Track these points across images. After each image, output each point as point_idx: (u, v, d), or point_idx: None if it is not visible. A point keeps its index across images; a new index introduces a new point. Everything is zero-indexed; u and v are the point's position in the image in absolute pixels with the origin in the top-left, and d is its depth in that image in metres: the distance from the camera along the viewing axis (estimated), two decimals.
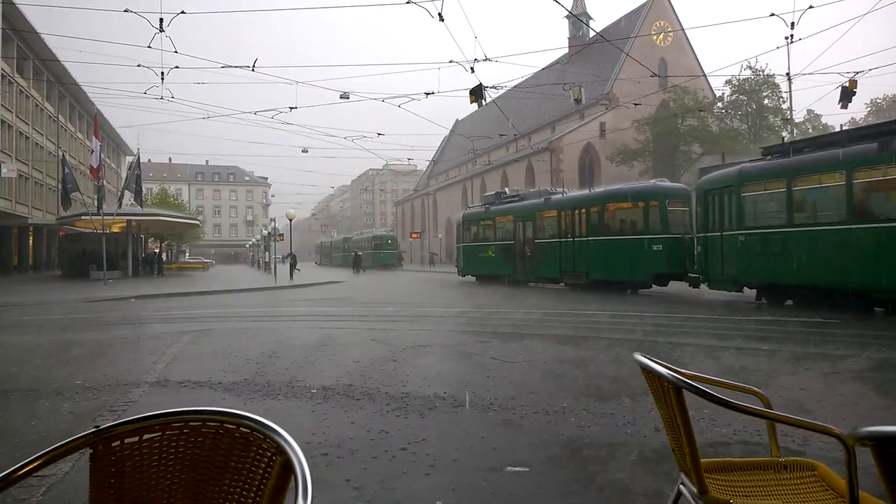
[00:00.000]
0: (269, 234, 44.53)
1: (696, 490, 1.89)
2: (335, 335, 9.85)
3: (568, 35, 63.83)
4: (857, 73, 20.71)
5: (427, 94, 20.80)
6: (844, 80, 20.50)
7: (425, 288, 24.80)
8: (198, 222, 48.21)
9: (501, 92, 28.93)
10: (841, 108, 21.57)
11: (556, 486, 3.32)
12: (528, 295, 19.30)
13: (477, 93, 19.39)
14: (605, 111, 51.11)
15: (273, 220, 50.97)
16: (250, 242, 79.47)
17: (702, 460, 1.96)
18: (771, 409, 2.21)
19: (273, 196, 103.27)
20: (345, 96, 22.53)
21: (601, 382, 5.96)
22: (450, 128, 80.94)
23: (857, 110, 57.11)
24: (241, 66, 17.79)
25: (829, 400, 5.19)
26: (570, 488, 3.29)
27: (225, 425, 1.35)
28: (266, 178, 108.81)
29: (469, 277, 29.17)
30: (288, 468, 1.23)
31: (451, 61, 18.71)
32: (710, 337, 9.24)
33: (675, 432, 1.97)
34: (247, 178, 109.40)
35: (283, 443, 1.26)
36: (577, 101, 27.83)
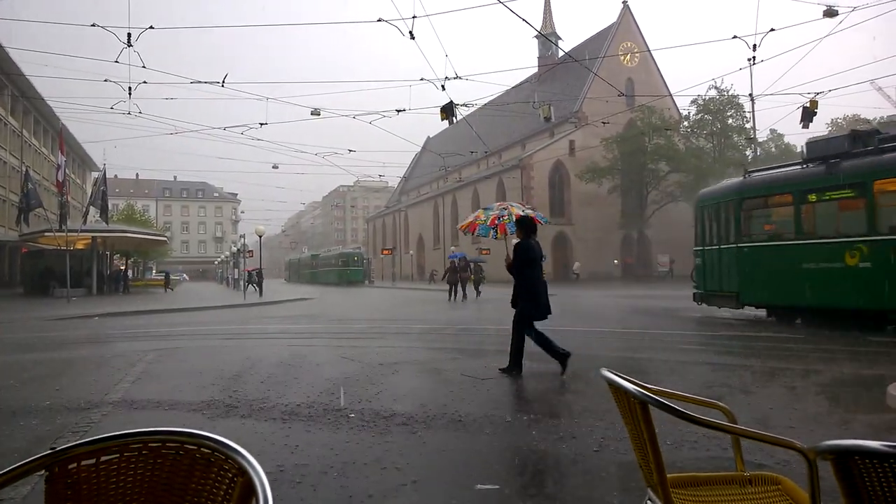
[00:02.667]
0: (238, 250, 43.91)
1: None
2: (305, 353, 9.72)
3: (538, 54, 64.92)
4: (818, 93, 21.48)
5: (398, 111, 20.87)
6: (805, 101, 21.21)
7: (403, 304, 24.69)
8: (165, 238, 47.43)
9: (472, 110, 29.21)
10: (802, 127, 22.30)
11: (525, 503, 3.30)
12: None
13: (448, 110, 19.53)
14: (575, 129, 51.99)
15: (242, 236, 50.35)
16: (219, 259, 78.39)
17: (668, 475, 1.97)
18: (735, 423, 2.24)
19: (243, 212, 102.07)
20: (316, 113, 22.48)
21: (573, 399, 5.98)
22: (421, 145, 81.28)
23: (819, 129, 59.06)
24: (210, 82, 17.65)
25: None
26: None
27: (185, 446, 1.32)
28: (236, 195, 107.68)
29: (746, 309, 14.52)
30: (249, 489, 1.20)
31: (421, 79, 18.81)
32: None
33: (642, 447, 1.98)
34: (216, 195, 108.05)
35: (244, 463, 1.23)
36: (547, 119, 28.27)
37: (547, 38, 55.64)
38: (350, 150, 27.26)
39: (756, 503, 1.98)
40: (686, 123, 49.21)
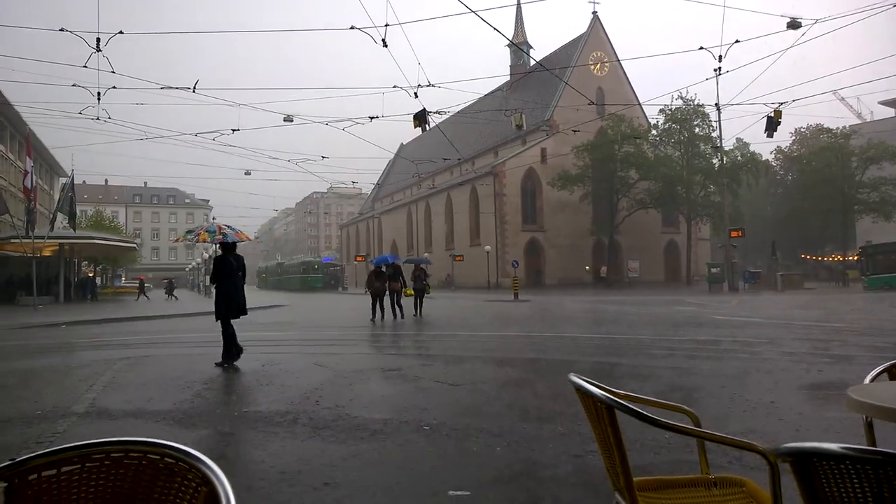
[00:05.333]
0: (209, 257, 43.27)
1: None
2: (277, 360, 9.61)
3: (510, 63, 65.43)
4: (782, 103, 22.03)
5: (371, 118, 20.87)
6: (770, 111, 21.73)
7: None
8: (134, 245, 46.61)
9: (445, 117, 29.34)
10: (767, 136, 22.84)
11: None
12: None
13: (421, 118, 19.59)
14: (546, 137, 52.50)
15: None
16: (190, 266, 77.23)
17: (635, 479, 1.99)
18: (700, 426, 2.28)
19: (214, 219, 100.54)
20: (288, 119, 22.35)
21: (544, 403, 6.02)
22: (394, 152, 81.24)
23: (783, 139, 60.58)
24: (181, 88, 17.44)
25: None
26: None
27: (148, 456, 1.30)
28: (207, 201, 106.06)
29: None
30: (213, 499, 1.19)
31: (395, 86, 18.83)
32: None
33: (609, 451, 2.00)
34: (187, 201, 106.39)
35: (208, 473, 1.22)
36: (519, 127, 28.52)
37: (519, 47, 56.14)
38: (323, 157, 27.20)
39: None
40: (655, 132, 50.06)
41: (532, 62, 55.81)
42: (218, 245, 9.04)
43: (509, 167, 53.48)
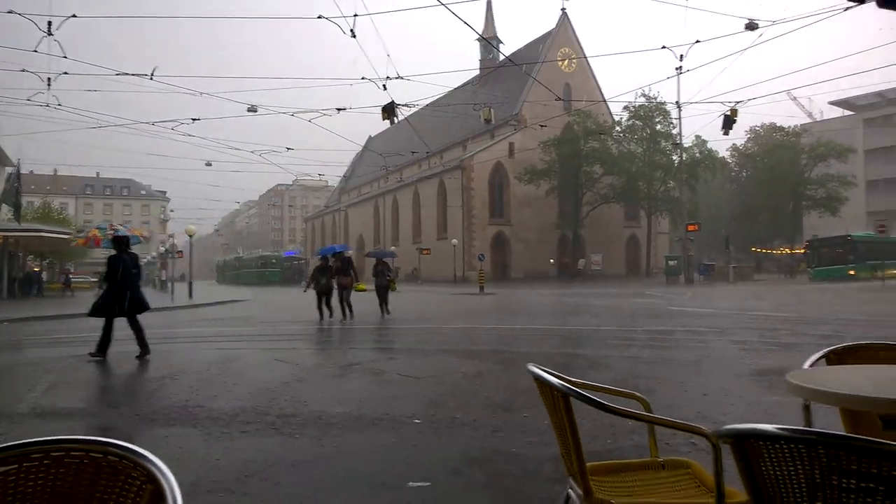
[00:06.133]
0: (166, 251, 42.31)
1: (581, 493, 1.97)
2: (236, 356, 9.49)
3: (479, 57, 65.54)
4: (738, 102, 22.59)
5: (339, 109, 20.64)
6: (727, 109, 22.27)
7: None
8: (68, 236, 44.95)
9: (414, 110, 29.19)
10: (724, 134, 23.42)
11: (456, 498, 3.35)
12: None
13: (389, 110, 19.45)
14: (514, 132, 52.81)
15: (171, 236, 48.60)
16: (146, 260, 75.48)
17: (588, 464, 2.04)
18: (651, 412, 2.34)
19: (172, 211, 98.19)
20: (252, 109, 21.94)
21: (506, 394, 6.08)
22: (362, 144, 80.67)
23: (739, 136, 62.19)
24: (138, 74, 16.96)
25: None
26: (471, 499, 3.33)
27: (90, 454, 1.26)
28: (165, 193, 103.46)
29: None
30: (159, 496, 1.17)
31: (363, 78, 18.67)
32: None
33: (564, 438, 2.04)
34: (143, 192, 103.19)
35: (154, 470, 1.20)
36: (488, 121, 28.61)
37: (488, 41, 56.22)
38: (288, 149, 26.69)
39: (668, 487, 2.07)
40: (619, 128, 50.83)
41: (501, 57, 55.99)
42: (109, 242, 9.26)
43: (477, 161, 53.63)
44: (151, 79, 16.81)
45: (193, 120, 20.33)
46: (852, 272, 37.14)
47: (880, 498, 1.26)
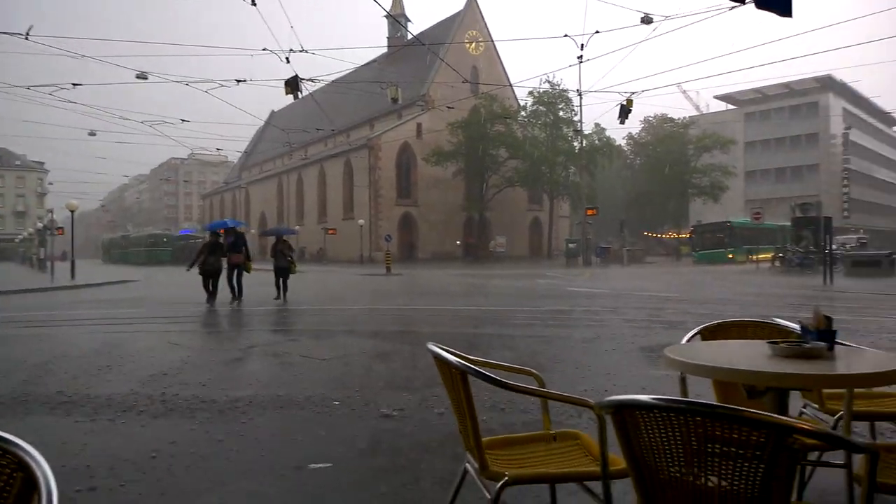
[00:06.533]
0: (44, 227, 38.87)
1: (477, 466, 2.05)
2: (126, 340, 8.98)
3: (387, 35, 64.61)
4: (633, 93, 23.75)
5: (238, 81, 19.78)
6: (623, 99, 23.35)
7: None
8: None
9: (319, 85, 28.47)
10: (620, 123, 24.58)
11: (357, 477, 3.38)
12: None
13: (293, 84, 18.86)
14: (422, 112, 52.68)
15: (51, 211, 44.80)
16: (21, 237, 69.27)
17: (484, 439, 2.13)
18: (545, 388, 2.47)
19: (51, 184, 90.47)
20: (142, 76, 20.59)
21: (410, 373, 6.16)
22: (264, 119, 77.69)
23: (634, 126, 65.48)
24: (10, 33, 15.43)
25: None
26: (371, 478, 3.37)
27: None
28: (42, 164, 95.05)
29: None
30: (31, 485, 1.11)
31: (264, 49, 17.96)
32: None
33: (462, 414, 2.12)
34: (17, 163, 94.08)
35: (25, 457, 1.13)
36: (395, 100, 28.35)
37: (396, 19, 55.56)
38: (183, 120, 25.36)
39: (558, 457, 2.20)
40: (523, 113, 51.98)
41: (409, 36, 55.51)
42: None
43: (385, 141, 53.12)
44: (27, 38, 15.36)
45: (74, 85, 18.80)
46: (731, 255, 40.34)
47: (740, 461, 1.40)
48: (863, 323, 9.53)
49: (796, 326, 2.48)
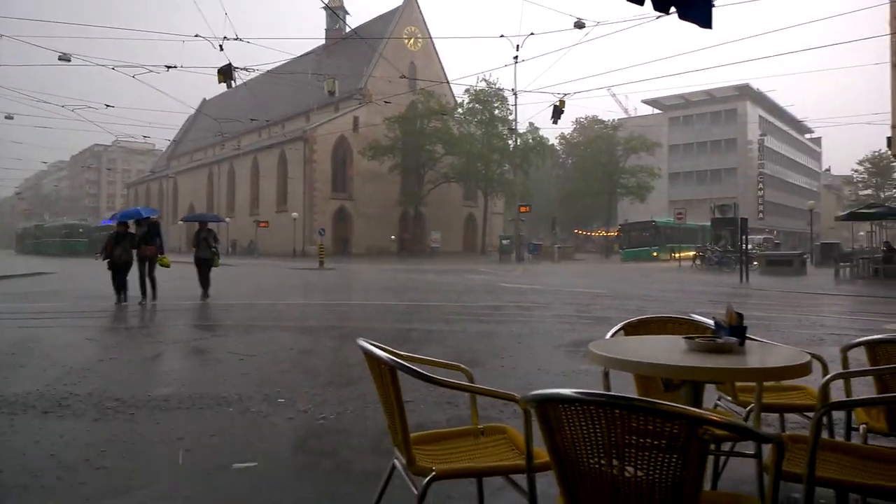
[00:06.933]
0: None
1: (405, 462, 2.05)
2: (40, 335, 8.47)
3: (325, 27, 63.51)
4: (566, 94, 24.31)
5: (168, 67, 19.01)
6: (556, 100, 23.87)
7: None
8: None
9: (254, 75, 27.63)
10: (553, 123, 25.14)
11: (283, 476, 3.31)
12: None
13: (226, 73, 18.35)
14: (359, 106, 52.14)
15: None
16: None
17: (412, 434, 2.13)
18: (473, 383, 2.50)
19: None
20: (65, 58, 19.52)
21: (340, 369, 6.09)
22: (195, 107, 74.83)
23: (566, 126, 67.14)
24: None
25: None
26: (298, 476, 3.32)
27: None
28: None
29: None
30: None
31: (196, 35, 17.31)
32: None
33: (391, 410, 2.11)
34: None
35: None
36: (332, 93, 27.99)
37: (334, 11, 54.63)
38: (107, 106, 24.21)
39: (485, 451, 2.23)
40: (460, 110, 52.31)
41: (348, 29, 54.76)
42: None
43: (321, 133, 52.23)
44: None
45: None
46: (655, 253, 42.05)
47: (656, 452, 1.46)
48: (776, 319, 10.13)
49: (711, 322, 2.60)
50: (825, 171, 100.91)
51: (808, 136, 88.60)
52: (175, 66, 18.94)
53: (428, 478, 1.95)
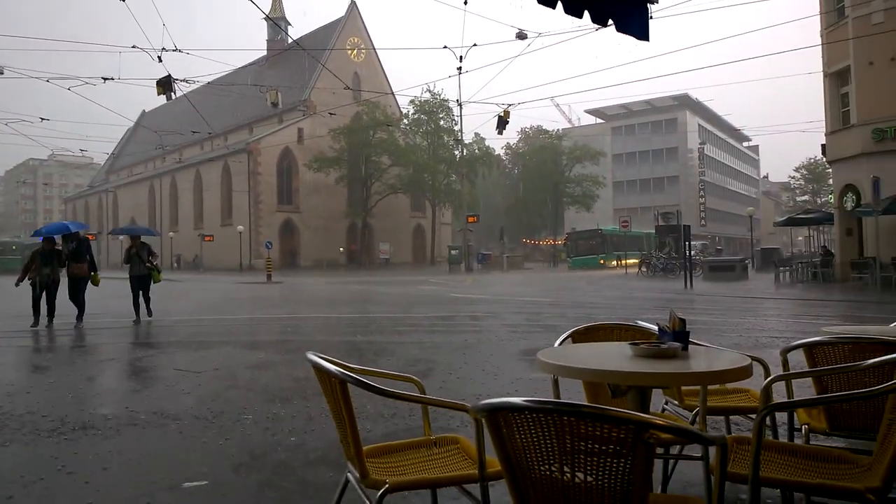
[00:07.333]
0: None
1: (358, 475, 2.04)
2: None
3: (267, 38, 62.71)
4: (510, 105, 24.75)
5: (105, 79, 18.43)
6: (500, 111, 24.27)
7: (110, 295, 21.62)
8: None
9: (195, 87, 27.02)
10: (498, 133, 25.56)
11: (235, 494, 3.24)
12: None
13: (165, 84, 17.95)
14: (303, 117, 51.65)
15: None
16: None
17: (365, 447, 2.12)
18: (425, 394, 2.50)
19: None
20: None
21: (290, 384, 5.98)
22: (134, 119, 72.47)
23: (512, 136, 68.22)
24: None
25: None
26: (250, 494, 3.25)
27: None
28: None
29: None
30: None
31: (134, 46, 16.83)
32: None
33: (342, 424, 2.09)
34: None
35: None
36: (275, 104, 27.62)
37: (275, 22, 54.05)
38: (42, 119, 23.26)
39: (438, 462, 2.24)
40: (406, 121, 52.45)
41: (290, 40, 54.23)
42: None
43: (265, 145, 51.39)
44: None
45: None
46: (602, 261, 42.97)
47: (604, 457, 1.49)
48: (720, 323, 10.50)
49: (655, 328, 2.67)
50: (763, 177, 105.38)
51: (746, 144, 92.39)
52: (112, 78, 18.42)
53: (381, 490, 1.94)
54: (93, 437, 4.22)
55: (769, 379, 2.40)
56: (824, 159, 26.04)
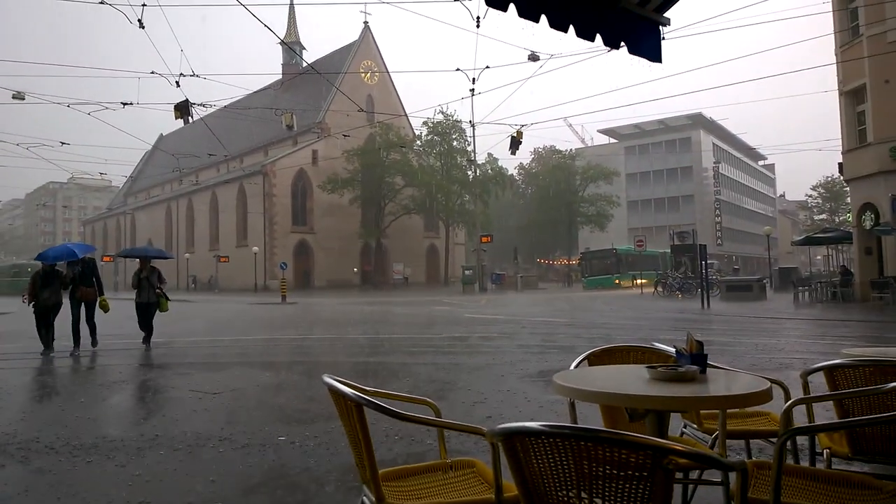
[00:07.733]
0: None
1: (374, 499, 2.03)
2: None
3: (282, 62, 63.79)
4: (523, 125, 24.89)
5: (124, 104, 18.80)
6: (513, 131, 24.42)
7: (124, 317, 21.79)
8: None
9: (211, 110, 27.48)
10: (511, 153, 25.71)
11: None
12: None
13: (183, 109, 18.28)
14: (318, 139, 52.25)
15: None
16: None
17: (381, 471, 2.11)
18: (440, 417, 2.49)
19: None
20: (19, 96, 19.19)
21: (305, 406, 5.98)
22: (152, 143, 73.72)
23: (525, 156, 68.39)
24: None
25: None
26: None
27: None
28: None
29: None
30: None
31: (152, 72, 17.19)
32: None
33: (358, 447, 2.09)
34: None
35: None
36: (290, 127, 27.96)
37: (290, 46, 54.96)
38: (63, 143, 23.72)
39: (455, 486, 2.22)
40: (419, 142, 52.87)
41: (304, 63, 55.05)
42: None
43: (280, 167, 52.01)
44: None
45: None
46: (617, 281, 42.67)
47: (623, 483, 1.48)
48: (738, 344, 10.36)
49: (672, 350, 2.65)
50: (780, 196, 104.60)
51: (761, 162, 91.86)
52: (131, 103, 18.75)
53: None
54: (102, 458, 4.24)
55: (790, 402, 2.37)
56: (841, 178, 25.80)
